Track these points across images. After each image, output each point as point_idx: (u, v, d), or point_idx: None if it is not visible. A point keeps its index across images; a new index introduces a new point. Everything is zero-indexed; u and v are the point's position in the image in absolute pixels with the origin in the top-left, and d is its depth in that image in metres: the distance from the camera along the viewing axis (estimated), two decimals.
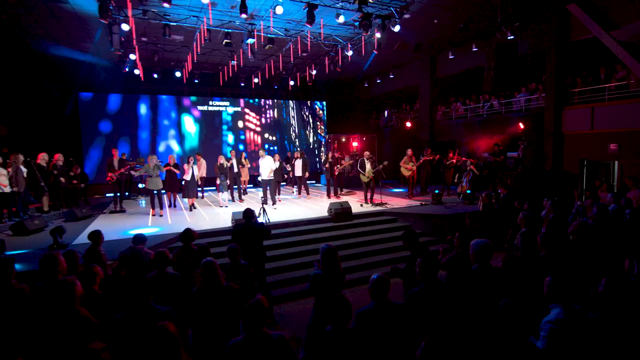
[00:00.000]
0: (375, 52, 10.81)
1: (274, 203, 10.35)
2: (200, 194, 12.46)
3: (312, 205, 10.57)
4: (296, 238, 7.90)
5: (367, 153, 10.82)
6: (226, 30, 10.27)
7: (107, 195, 11.06)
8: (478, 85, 13.26)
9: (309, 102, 18.44)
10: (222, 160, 10.67)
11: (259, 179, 10.21)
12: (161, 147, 15.43)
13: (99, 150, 14.37)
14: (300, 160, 11.88)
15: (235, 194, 11.78)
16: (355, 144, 17.81)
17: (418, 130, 15.74)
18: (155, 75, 14.63)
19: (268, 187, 10.21)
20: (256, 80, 15.41)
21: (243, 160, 11.94)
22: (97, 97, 14.45)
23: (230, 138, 16.68)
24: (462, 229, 5.28)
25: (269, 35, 10.74)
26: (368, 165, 10.47)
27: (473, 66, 13.15)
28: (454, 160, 11.65)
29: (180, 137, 15.77)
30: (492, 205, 7.57)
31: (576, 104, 10.38)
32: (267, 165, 10.15)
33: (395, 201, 10.87)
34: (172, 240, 7.07)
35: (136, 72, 13.43)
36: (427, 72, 14.97)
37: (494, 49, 9.63)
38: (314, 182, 17.29)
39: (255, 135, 17.25)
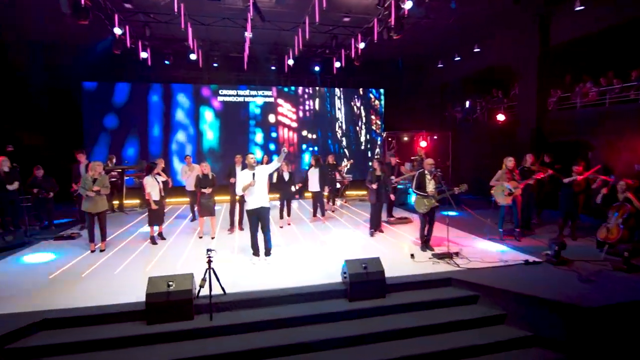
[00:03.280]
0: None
1: (267, 254, 5.80)
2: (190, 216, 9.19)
3: (334, 250, 6.58)
4: (262, 341, 4.06)
5: (429, 161, 6.40)
6: None
7: (74, 209, 8.55)
8: (624, 53, 7.97)
9: (360, 89, 14.27)
10: (206, 169, 7.23)
11: (246, 208, 5.73)
12: (174, 146, 12.75)
13: (104, 149, 12.10)
14: (317, 169, 8.20)
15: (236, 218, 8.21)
16: (423, 143, 13.29)
17: (516, 125, 10.66)
18: (167, 62, 11.81)
19: (259, 221, 5.67)
20: (290, 62, 11.78)
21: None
22: (102, 87, 12.20)
23: (258, 136, 13.36)
24: None
25: None
26: (431, 185, 6.18)
27: (618, 22, 7.86)
28: (580, 178, 6.64)
29: (198, 134, 12.90)
30: None
31: None
32: (262, 179, 5.56)
33: (476, 247, 6.37)
34: None
35: (143, 55, 10.86)
36: (535, 38, 9.82)
37: None
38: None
39: (291, 132, 13.69)
